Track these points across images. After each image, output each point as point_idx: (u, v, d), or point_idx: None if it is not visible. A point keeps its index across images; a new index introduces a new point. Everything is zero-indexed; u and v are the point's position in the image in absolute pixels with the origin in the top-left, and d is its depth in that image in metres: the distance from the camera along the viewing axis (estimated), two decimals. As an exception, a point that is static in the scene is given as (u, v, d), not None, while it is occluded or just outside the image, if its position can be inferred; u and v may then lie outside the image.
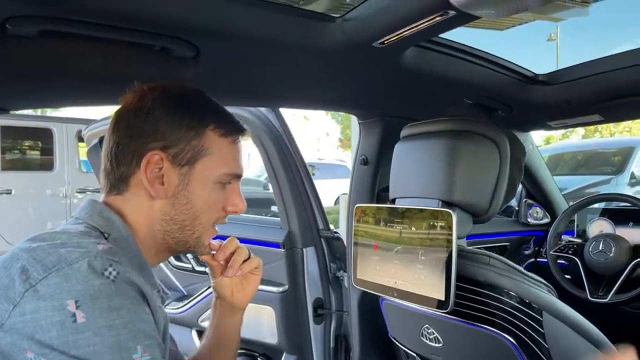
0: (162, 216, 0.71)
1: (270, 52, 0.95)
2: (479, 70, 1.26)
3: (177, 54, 0.87)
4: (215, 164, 0.72)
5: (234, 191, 0.76)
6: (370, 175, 1.39)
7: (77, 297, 0.54)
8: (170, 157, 0.70)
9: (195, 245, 0.75)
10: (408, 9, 0.86)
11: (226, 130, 0.73)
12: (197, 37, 0.84)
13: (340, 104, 1.26)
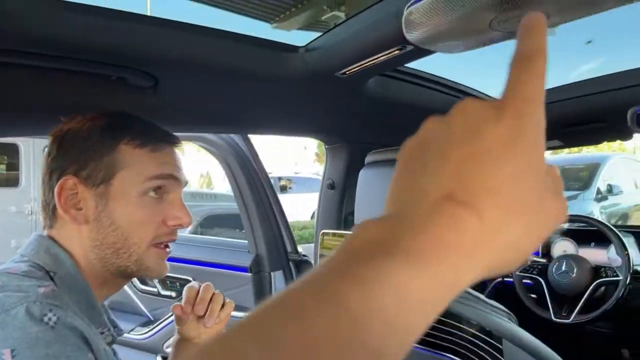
0: (92, 243, 0.67)
1: (232, 82, 0.95)
2: (442, 98, 1.29)
3: (134, 84, 0.86)
4: (135, 175, 0.67)
5: (175, 203, 0.71)
6: (337, 199, 1.39)
7: (14, 346, 0.51)
8: (83, 180, 0.66)
9: (139, 269, 0.69)
10: (367, 42, 0.88)
11: (142, 141, 0.68)
12: (155, 67, 0.83)
13: (306, 130, 1.27)
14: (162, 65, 0.83)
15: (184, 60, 0.84)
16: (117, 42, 0.76)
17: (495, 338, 0.95)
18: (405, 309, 0.22)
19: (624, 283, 1.53)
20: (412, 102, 1.23)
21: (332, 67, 0.96)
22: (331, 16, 6.69)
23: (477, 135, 0.25)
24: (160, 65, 0.83)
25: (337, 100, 1.11)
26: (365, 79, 1.04)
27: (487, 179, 0.24)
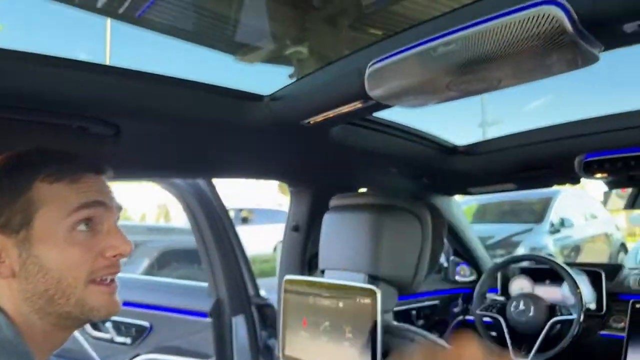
0: (23, 295, 0.61)
1: (195, 129, 0.95)
2: (403, 144, 1.33)
3: (95, 132, 0.84)
4: (56, 211, 0.62)
5: (110, 231, 0.66)
6: (301, 242, 1.39)
7: None
8: (0, 229, 0.61)
9: (83, 312, 0.63)
10: (331, 94, 0.90)
11: (59, 174, 0.64)
12: (117, 116, 0.82)
13: (270, 174, 1.27)
14: (123, 114, 0.83)
15: (146, 109, 0.84)
16: (77, 92, 0.75)
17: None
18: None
19: (578, 321, 1.59)
20: (374, 148, 1.26)
21: (297, 116, 0.98)
22: (294, 52, 6.80)
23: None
24: (121, 114, 0.83)
25: (301, 146, 1.13)
26: (329, 127, 1.06)
27: None
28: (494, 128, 14.03)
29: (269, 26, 5.29)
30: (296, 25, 5.66)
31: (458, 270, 2.12)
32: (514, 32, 0.60)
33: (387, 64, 0.75)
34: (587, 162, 1.26)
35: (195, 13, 5.25)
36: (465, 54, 0.65)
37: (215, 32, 5.80)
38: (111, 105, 0.80)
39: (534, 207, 6.87)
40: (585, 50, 0.60)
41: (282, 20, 5.28)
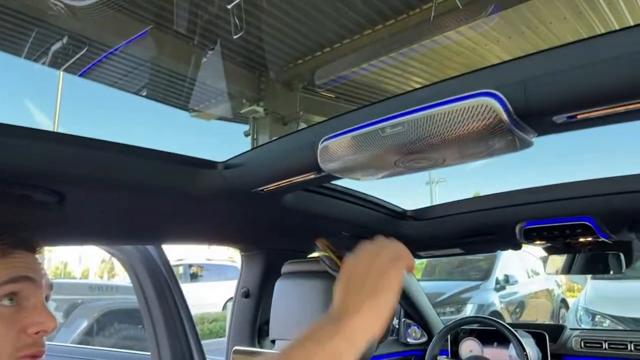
0: None
1: (145, 197, 0.93)
2: (354, 209, 1.35)
3: (38, 199, 0.81)
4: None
5: (35, 307, 0.64)
6: (252, 309, 1.35)
7: None
8: None
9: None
10: (285, 165, 0.92)
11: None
12: (62, 184, 0.79)
13: (223, 240, 1.25)
14: (68, 182, 0.80)
15: (93, 176, 0.82)
16: (19, 160, 0.72)
17: None
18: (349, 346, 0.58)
19: (526, 384, 1.61)
20: (326, 213, 1.27)
21: (250, 184, 0.99)
22: (250, 110, 6.95)
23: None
24: (66, 182, 0.80)
25: (254, 212, 1.13)
26: (282, 194, 1.07)
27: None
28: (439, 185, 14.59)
29: (226, 86, 5.40)
30: (252, 86, 5.83)
31: (409, 332, 2.12)
32: (456, 118, 0.64)
33: (338, 141, 0.78)
34: (527, 229, 1.32)
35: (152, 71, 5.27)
36: (412, 136, 0.69)
37: (171, 89, 5.86)
38: (55, 173, 0.77)
39: (480, 264, 7.07)
40: (520, 136, 0.65)
41: (239, 80, 5.43)
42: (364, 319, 0.59)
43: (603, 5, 4.36)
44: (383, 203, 1.46)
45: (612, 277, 5.24)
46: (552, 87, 0.58)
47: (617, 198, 1.17)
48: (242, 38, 5.42)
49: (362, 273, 0.63)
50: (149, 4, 4.40)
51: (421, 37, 4.59)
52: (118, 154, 0.83)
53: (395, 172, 0.82)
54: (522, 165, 4.06)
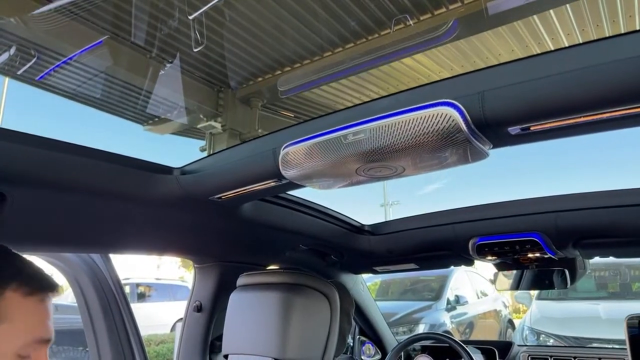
0: None
1: (95, 200, 0.89)
2: (312, 221, 1.35)
3: (-24, 199, 0.75)
4: (17, 332, 0.59)
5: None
6: (204, 323, 1.30)
7: None
8: None
9: None
10: (245, 172, 0.90)
11: (32, 289, 0.62)
12: (3, 183, 0.74)
13: (175, 250, 1.21)
14: (11, 181, 0.75)
15: (39, 177, 0.77)
16: None
17: None
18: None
19: (476, 400, 1.63)
20: (284, 224, 1.26)
21: (207, 191, 0.96)
22: (207, 125, 6.83)
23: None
24: (8, 181, 0.75)
25: (210, 222, 1.10)
26: (240, 203, 1.05)
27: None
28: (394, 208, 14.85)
29: (183, 101, 5.30)
30: (211, 101, 5.76)
31: (364, 350, 2.11)
32: (417, 127, 0.66)
33: (300, 147, 0.77)
34: (479, 245, 1.36)
35: (105, 81, 5.11)
36: (373, 144, 0.70)
37: (124, 102, 5.70)
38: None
39: (432, 284, 7.20)
40: (477, 147, 0.67)
41: (197, 95, 5.35)
42: None
43: (547, 39, 4.66)
44: (341, 217, 1.47)
45: (555, 297, 5.47)
46: (508, 99, 0.61)
47: (563, 215, 1.22)
48: (202, 53, 5.38)
49: None
50: (106, 14, 4.30)
51: (379, 60, 4.73)
52: (67, 154, 0.79)
53: (357, 181, 0.83)
54: (476, 182, 4.18)
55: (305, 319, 1.03)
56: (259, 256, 1.31)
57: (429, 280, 7.49)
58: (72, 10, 4.12)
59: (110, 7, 4.22)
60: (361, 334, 2.12)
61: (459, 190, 6.19)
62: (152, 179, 0.93)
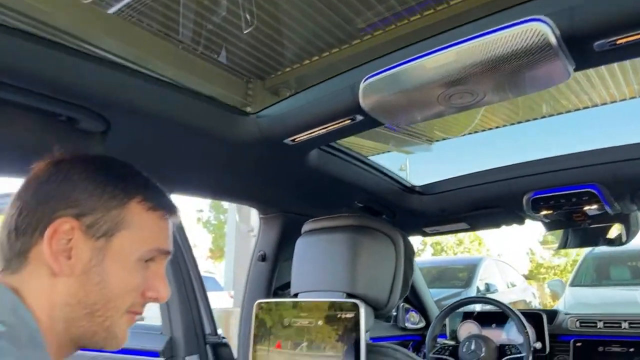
0: (66, 299, 0.59)
1: (181, 136, 0.95)
2: (369, 177, 1.39)
3: (84, 127, 0.82)
4: (139, 238, 0.63)
5: (158, 274, 0.66)
6: (268, 272, 1.36)
7: None
8: (84, 227, 0.60)
9: (106, 338, 0.62)
10: (321, 111, 0.95)
11: (155, 205, 0.66)
12: (109, 111, 0.80)
13: (245, 196, 1.27)
14: (115, 109, 0.81)
15: (138, 107, 0.83)
16: (72, 79, 0.74)
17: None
18: None
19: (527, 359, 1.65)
20: (344, 177, 1.31)
21: (282, 133, 1.01)
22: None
23: None
24: (113, 109, 0.81)
25: (280, 167, 1.15)
26: (310, 148, 1.10)
27: None
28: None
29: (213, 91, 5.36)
30: (239, 92, 5.81)
31: (408, 317, 2.15)
32: (505, 45, 0.69)
33: (381, 78, 0.81)
34: (535, 199, 1.38)
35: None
36: (458, 65, 0.73)
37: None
38: (105, 98, 0.78)
39: (459, 274, 7.17)
40: (562, 65, 0.70)
41: (225, 86, 5.39)
42: None
43: None
44: (394, 176, 1.50)
45: (589, 284, 5.39)
46: (598, 10, 0.64)
47: (622, 166, 1.23)
48: (230, 42, 5.44)
49: None
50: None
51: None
52: (162, 87, 0.85)
53: (436, 112, 0.86)
54: (530, 136, 4.02)
55: (372, 259, 1.07)
56: (319, 209, 1.35)
57: (457, 269, 7.47)
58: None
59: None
60: (405, 302, 2.16)
61: (513, 149, 5.92)
62: (232, 119, 0.98)
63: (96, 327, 0.61)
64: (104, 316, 0.61)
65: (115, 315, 0.62)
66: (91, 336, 0.61)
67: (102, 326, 0.61)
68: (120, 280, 0.62)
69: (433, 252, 16.47)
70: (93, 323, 0.61)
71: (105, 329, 0.61)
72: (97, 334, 0.61)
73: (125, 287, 0.62)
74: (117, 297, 0.61)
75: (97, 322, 0.61)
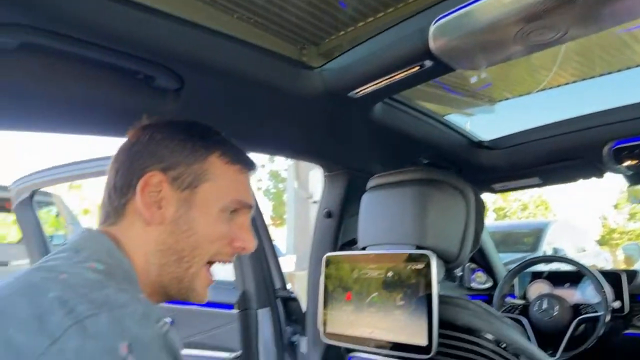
0: (158, 246, 0.65)
1: (249, 92, 0.96)
2: (434, 131, 1.35)
3: (160, 85, 0.85)
4: (220, 190, 0.68)
5: (244, 225, 0.71)
6: (334, 229, 1.38)
7: (131, 340, 0.47)
8: (170, 179, 0.65)
9: (189, 286, 0.67)
10: (387, 60, 0.92)
11: (233, 159, 0.70)
12: (183, 67, 0.83)
13: (309, 153, 1.28)
14: (189, 66, 0.84)
15: (210, 64, 0.85)
16: (150, 35, 0.76)
17: (512, 354, 0.94)
18: None
19: (604, 319, 1.58)
20: (409, 131, 1.28)
21: (347, 86, 1.00)
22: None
23: None
24: (187, 66, 0.83)
25: (344, 123, 1.15)
26: (375, 101, 1.08)
27: None
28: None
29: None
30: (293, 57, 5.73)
31: (474, 277, 2.11)
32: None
33: (454, 18, 0.77)
34: (617, 149, 1.29)
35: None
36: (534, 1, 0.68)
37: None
38: (180, 55, 0.80)
39: (524, 239, 6.93)
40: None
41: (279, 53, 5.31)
42: None
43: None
44: (461, 130, 1.45)
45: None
46: None
47: None
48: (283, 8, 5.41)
49: None
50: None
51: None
52: (232, 44, 0.86)
53: (512, 52, 0.82)
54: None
55: (442, 212, 1.05)
56: (383, 166, 1.34)
57: (522, 233, 7.21)
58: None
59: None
60: (471, 261, 2.12)
61: (586, 104, 5.42)
62: (297, 74, 0.98)
63: (182, 273, 0.65)
64: (190, 262, 0.65)
65: (200, 263, 0.66)
66: (177, 283, 0.66)
67: (187, 273, 0.66)
68: (205, 228, 0.66)
69: (495, 218, 16.00)
70: (180, 269, 0.65)
71: (190, 277, 0.66)
72: (183, 280, 0.66)
73: (210, 235, 0.66)
74: (202, 245, 0.66)
75: (184, 267, 0.65)
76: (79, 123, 0.88)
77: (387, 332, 0.97)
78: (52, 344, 0.45)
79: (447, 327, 0.96)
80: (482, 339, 0.95)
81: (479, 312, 0.98)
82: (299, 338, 1.52)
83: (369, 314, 1.01)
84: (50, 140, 30.04)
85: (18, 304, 0.49)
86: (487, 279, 2.12)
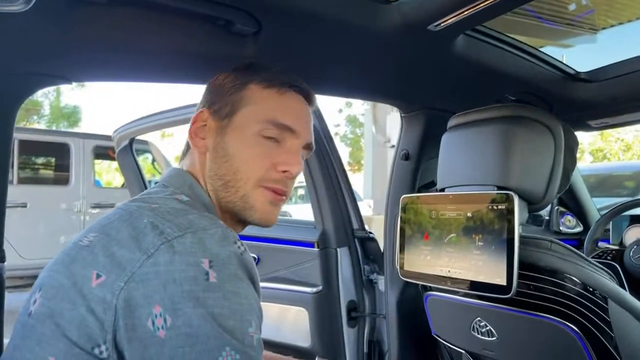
0: (209, 172, 0.71)
1: (324, 32, 0.95)
2: (523, 64, 1.25)
3: (238, 30, 0.86)
4: (255, 112, 0.71)
5: (290, 149, 0.72)
6: (412, 171, 1.36)
7: (212, 257, 0.54)
8: (212, 112, 0.73)
9: (244, 207, 0.70)
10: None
11: (271, 82, 0.73)
12: (261, 10, 0.84)
13: (387, 94, 1.25)
14: (266, 9, 0.84)
15: (286, 4, 0.85)
16: None
17: (600, 297, 0.90)
18: None
19: None
20: (493, 65, 1.20)
21: (426, 19, 0.95)
22: None
23: None
24: (265, 9, 0.84)
25: (424, 58, 1.10)
26: (456, 34, 1.02)
27: None
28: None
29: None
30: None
31: (563, 221, 2.00)
32: None
33: None
34: None
35: None
36: None
37: None
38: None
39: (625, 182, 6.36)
40: None
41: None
42: None
43: None
44: (553, 62, 1.34)
45: None
46: None
47: None
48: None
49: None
50: None
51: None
52: None
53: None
54: None
55: (528, 151, 1.00)
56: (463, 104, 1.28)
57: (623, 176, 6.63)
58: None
59: None
60: (560, 205, 2.01)
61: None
62: (372, 8, 0.94)
63: (232, 196, 0.70)
64: (236, 187, 0.70)
65: (245, 186, 0.70)
66: (233, 206, 0.71)
67: (236, 196, 0.70)
68: (239, 152, 0.70)
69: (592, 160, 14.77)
70: (229, 193, 0.70)
71: (241, 199, 0.70)
72: (236, 204, 0.70)
73: (245, 158, 0.70)
74: (240, 168, 0.69)
75: (232, 192, 0.70)
76: (164, 72, 0.93)
77: (465, 271, 0.97)
78: (148, 258, 0.53)
79: (529, 268, 0.94)
80: (567, 280, 0.92)
81: (564, 253, 0.95)
82: (377, 277, 1.57)
83: (447, 253, 1.01)
84: (148, 91, 32.04)
85: (120, 227, 0.58)
86: (576, 224, 2.01)
